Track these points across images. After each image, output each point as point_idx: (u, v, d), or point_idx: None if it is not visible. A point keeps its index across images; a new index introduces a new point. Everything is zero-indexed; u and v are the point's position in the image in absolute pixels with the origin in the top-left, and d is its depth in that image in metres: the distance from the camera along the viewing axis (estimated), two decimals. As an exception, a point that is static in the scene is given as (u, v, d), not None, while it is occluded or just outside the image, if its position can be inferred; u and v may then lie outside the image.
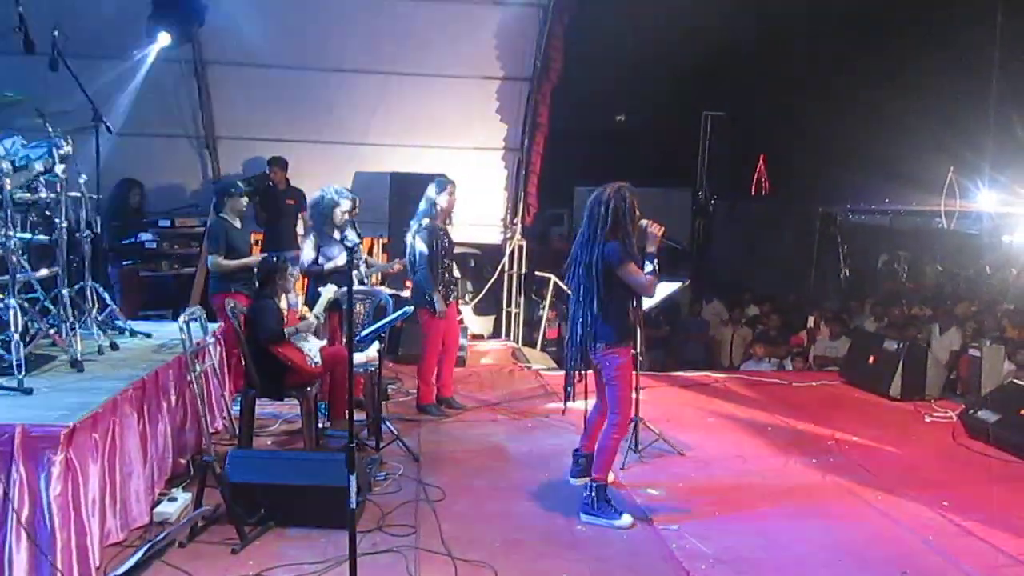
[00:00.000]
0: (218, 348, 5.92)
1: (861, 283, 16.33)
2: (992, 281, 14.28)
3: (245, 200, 6.69)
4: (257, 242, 8.23)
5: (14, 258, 4.46)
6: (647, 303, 5.76)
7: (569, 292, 5.01)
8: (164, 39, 7.88)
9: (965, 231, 14.92)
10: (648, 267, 4.71)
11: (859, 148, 14.89)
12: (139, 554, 3.70)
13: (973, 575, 4.10)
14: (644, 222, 4.75)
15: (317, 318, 5.65)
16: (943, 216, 14.01)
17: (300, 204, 8.69)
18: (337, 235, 6.41)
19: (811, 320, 10.90)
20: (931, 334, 9.36)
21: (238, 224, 6.55)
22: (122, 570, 3.50)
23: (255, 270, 6.11)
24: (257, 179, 8.60)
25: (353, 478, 3.39)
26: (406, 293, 7.47)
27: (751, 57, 15.34)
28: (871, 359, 7.91)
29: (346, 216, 6.42)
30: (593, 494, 4.66)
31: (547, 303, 10.90)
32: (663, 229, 4.81)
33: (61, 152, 4.89)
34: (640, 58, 14.48)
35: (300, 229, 8.75)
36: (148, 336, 5.63)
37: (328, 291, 5.70)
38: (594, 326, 4.63)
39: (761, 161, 18.17)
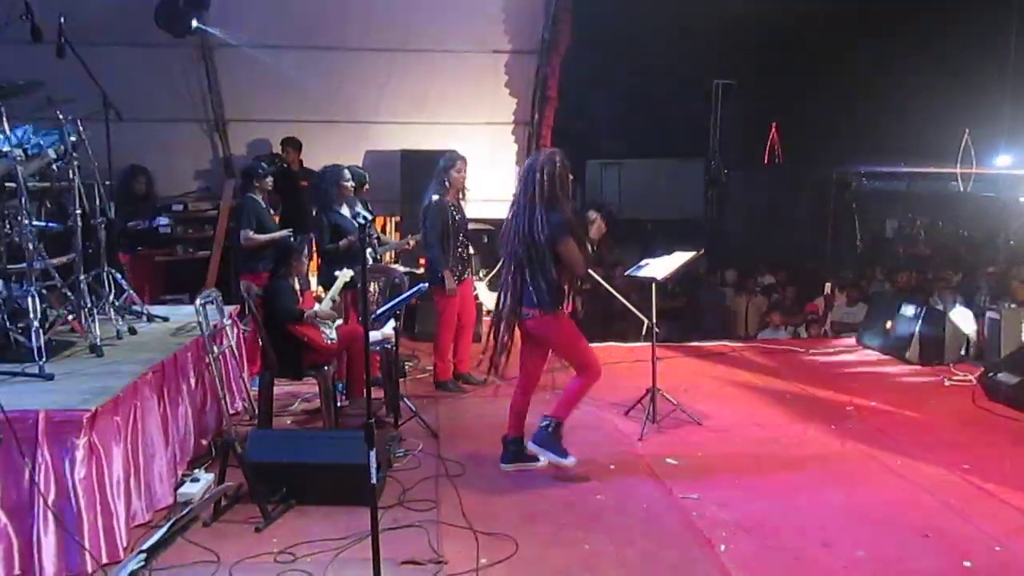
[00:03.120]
0: (235, 329, 5.96)
1: (878, 249, 16.22)
2: (1011, 244, 14.15)
3: (270, 180, 6.76)
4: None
5: (31, 246, 4.49)
6: (662, 274, 5.78)
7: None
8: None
9: (982, 194, 14.75)
10: None
11: (873, 113, 14.71)
12: (164, 529, 3.76)
13: (994, 537, 4.09)
14: (592, 214, 4.80)
15: (333, 300, 5.66)
16: (959, 179, 13.84)
17: None
18: (347, 212, 6.41)
19: (828, 287, 10.85)
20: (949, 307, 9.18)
21: (263, 204, 6.63)
22: (148, 544, 3.56)
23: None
24: (268, 160, 8.49)
25: (373, 454, 3.41)
26: (420, 270, 7.48)
27: (761, 23, 15.13)
28: (888, 324, 7.87)
29: (350, 184, 6.43)
30: (550, 429, 4.80)
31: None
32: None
33: (72, 139, 4.91)
34: (649, 27, 14.30)
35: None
36: (165, 320, 5.67)
37: (344, 275, 5.69)
38: (534, 294, 4.68)
39: (773, 129, 17.97)
